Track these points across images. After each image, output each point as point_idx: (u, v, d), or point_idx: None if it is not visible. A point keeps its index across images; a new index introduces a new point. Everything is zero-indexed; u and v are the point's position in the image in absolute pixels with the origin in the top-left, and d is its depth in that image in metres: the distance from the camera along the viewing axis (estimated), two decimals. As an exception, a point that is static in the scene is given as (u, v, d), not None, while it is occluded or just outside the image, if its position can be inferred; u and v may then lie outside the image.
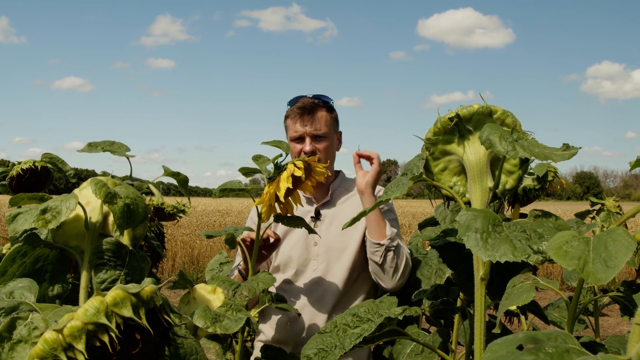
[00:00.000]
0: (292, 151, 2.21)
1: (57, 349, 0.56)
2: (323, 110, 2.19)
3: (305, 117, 2.16)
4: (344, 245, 2.14)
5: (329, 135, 2.20)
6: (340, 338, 1.14)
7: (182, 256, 11.83)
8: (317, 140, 2.17)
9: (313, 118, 2.16)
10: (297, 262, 2.14)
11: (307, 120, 2.16)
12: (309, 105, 2.17)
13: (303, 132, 2.16)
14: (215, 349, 1.11)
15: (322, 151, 2.17)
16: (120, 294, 0.60)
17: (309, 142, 2.16)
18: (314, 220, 2.21)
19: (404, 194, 1.10)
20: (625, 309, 1.24)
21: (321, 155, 2.16)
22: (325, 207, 2.24)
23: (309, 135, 2.16)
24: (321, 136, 2.17)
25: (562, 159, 0.98)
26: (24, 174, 1.62)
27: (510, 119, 1.12)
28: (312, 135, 2.16)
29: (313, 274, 2.13)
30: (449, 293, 1.66)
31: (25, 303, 0.70)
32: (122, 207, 1.06)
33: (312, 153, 2.15)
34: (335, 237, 2.15)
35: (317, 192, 2.24)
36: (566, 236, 0.85)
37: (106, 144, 1.51)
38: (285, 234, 2.20)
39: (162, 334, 0.65)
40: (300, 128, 2.16)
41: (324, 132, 2.17)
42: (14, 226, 1.03)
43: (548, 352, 0.44)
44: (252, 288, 1.52)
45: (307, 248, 2.16)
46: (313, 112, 2.17)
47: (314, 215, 2.21)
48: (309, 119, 2.16)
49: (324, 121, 2.17)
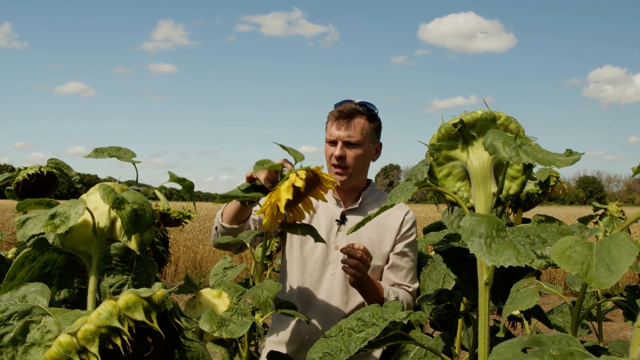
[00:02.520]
0: (325, 153, 2.21)
1: (71, 351, 0.57)
2: (362, 118, 2.15)
3: (341, 121, 2.14)
4: None
5: (363, 144, 2.15)
6: (345, 342, 1.14)
7: (184, 261, 11.83)
8: (350, 146, 2.14)
9: (349, 124, 2.14)
10: (316, 263, 2.14)
11: (342, 124, 2.14)
12: (347, 110, 2.15)
13: (337, 136, 2.14)
14: (222, 353, 1.12)
15: (352, 158, 2.14)
16: (133, 298, 0.61)
17: (340, 146, 2.13)
18: (338, 223, 2.19)
19: (408, 199, 1.11)
20: (629, 313, 1.25)
21: (349, 162, 2.14)
22: (352, 212, 2.22)
23: (342, 140, 2.13)
24: (354, 143, 2.13)
25: (565, 165, 0.99)
26: (30, 179, 1.64)
27: (514, 124, 1.13)
28: (344, 141, 2.13)
29: (331, 278, 2.13)
30: (453, 297, 1.67)
31: (38, 307, 0.72)
32: (130, 212, 1.08)
33: (339, 158, 2.13)
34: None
35: (347, 196, 2.24)
36: (569, 241, 0.86)
37: (112, 149, 1.53)
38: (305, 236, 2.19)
39: (172, 337, 0.66)
40: (335, 131, 2.15)
41: (357, 139, 2.13)
42: (23, 231, 1.04)
43: (552, 354, 0.45)
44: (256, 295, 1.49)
45: (327, 250, 2.15)
46: (350, 118, 2.14)
47: (339, 219, 2.19)
48: (345, 124, 2.14)
49: (359, 128, 2.14)
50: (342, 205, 2.23)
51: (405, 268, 2.16)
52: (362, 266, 1.87)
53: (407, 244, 2.18)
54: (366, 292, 1.98)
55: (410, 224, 2.21)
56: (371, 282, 1.98)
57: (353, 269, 1.86)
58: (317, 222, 2.19)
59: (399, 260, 2.16)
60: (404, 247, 2.17)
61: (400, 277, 2.15)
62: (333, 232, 2.17)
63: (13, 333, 0.67)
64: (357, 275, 1.87)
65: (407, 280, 2.16)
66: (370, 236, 2.15)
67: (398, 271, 2.15)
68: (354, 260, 1.85)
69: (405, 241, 2.17)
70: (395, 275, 2.15)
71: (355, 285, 1.92)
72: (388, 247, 2.16)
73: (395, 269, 2.15)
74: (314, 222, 2.19)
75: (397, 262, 2.16)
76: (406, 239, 2.18)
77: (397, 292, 2.08)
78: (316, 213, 2.21)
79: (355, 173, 2.18)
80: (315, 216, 2.20)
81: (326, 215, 2.20)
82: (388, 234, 2.16)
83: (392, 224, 2.17)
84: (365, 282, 1.93)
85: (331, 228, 2.18)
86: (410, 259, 2.18)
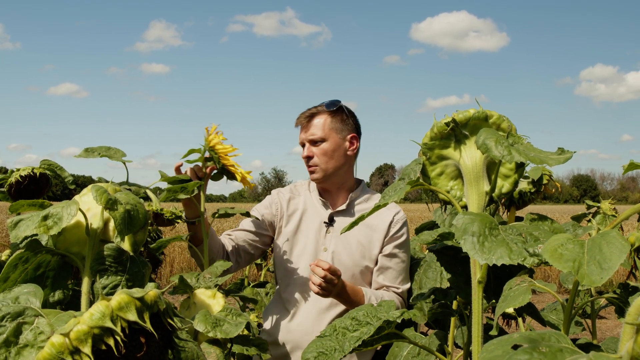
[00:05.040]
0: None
1: (64, 352, 0.57)
2: (322, 115, 2.20)
3: (303, 123, 2.23)
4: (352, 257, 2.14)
5: (328, 139, 2.18)
6: (340, 341, 1.15)
7: (180, 262, 11.81)
8: (314, 144, 2.18)
9: (309, 124, 2.20)
10: (305, 265, 2.14)
11: (303, 127, 2.23)
12: (307, 113, 2.23)
13: (303, 139, 2.22)
14: (216, 354, 1.12)
15: (318, 155, 2.17)
16: (125, 299, 0.61)
17: (306, 147, 2.20)
18: (326, 225, 2.19)
19: (401, 198, 1.12)
20: (620, 310, 1.26)
21: (317, 159, 2.17)
22: (340, 214, 2.21)
23: (306, 141, 2.20)
24: (317, 140, 2.18)
25: (557, 163, 1.00)
26: (22, 181, 1.63)
27: (506, 123, 1.14)
28: (308, 140, 2.19)
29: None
30: (447, 296, 1.67)
31: (31, 308, 0.71)
32: (123, 213, 1.08)
33: (307, 158, 2.19)
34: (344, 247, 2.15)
35: (334, 198, 2.25)
36: (561, 239, 0.86)
37: (102, 149, 1.53)
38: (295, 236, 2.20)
39: (166, 337, 0.67)
40: (301, 136, 2.24)
41: (319, 135, 2.17)
42: (16, 233, 1.04)
43: (542, 351, 0.46)
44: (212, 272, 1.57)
45: (316, 252, 2.15)
46: (310, 119, 2.21)
47: (326, 221, 2.19)
48: (305, 126, 2.22)
49: (320, 125, 2.18)
50: (329, 207, 2.23)
51: (395, 270, 2.14)
52: (326, 285, 1.89)
53: (397, 245, 2.16)
54: (345, 301, 2.00)
55: (400, 224, 2.18)
56: (348, 291, 1.98)
57: (317, 287, 1.89)
58: (306, 224, 2.20)
59: (388, 262, 2.14)
60: (394, 249, 2.15)
61: (390, 279, 2.14)
62: (322, 235, 2.17)
63: (6, 334, 0.67)
64: (321, 294, 1.91)
65: (397, 282, 2.14)
66: (359, 238, 2.15)
67: (387, 273, 2.14)
68: (317, 278, 1.89)
69: (395, 242, 2.15)
70: (384, 277, 2.14)
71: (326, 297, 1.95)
72: (376, 249, 2.14)
73: (384, 270, 2.14)
74: (303, 224, 2.20)
75: (386, 264, 2.14)
76: (395, 240, 2.16)
77: (382, 296, 2.08)
78: (305, 215, 2.22)
79: (329, 168, 2.18)
80: (304, 218, 2.21)
81: (315, 218, 2.20)
82: (376, 235, 2.15)
83: (380, 225, 2.16)
84: (341, 292, 1.95)
85: (319, 230, 2.18)
86: (401, 260, 2.16)
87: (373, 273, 2.16)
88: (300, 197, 2.27)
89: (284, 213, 2.23)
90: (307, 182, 2.32)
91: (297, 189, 2.31)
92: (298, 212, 2.23)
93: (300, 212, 2.23)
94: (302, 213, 2.22)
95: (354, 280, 2.11)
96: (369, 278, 2.17)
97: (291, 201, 2.26)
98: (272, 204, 2.25)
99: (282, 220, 2.22)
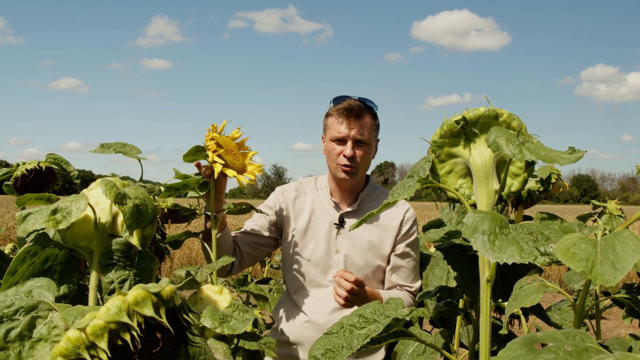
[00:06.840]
0: (330, 152, 2.13)
1: (80, 347, 0.57)
2: (369, 116, 2.11)
3: (352, 119, 2.07)
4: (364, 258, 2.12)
5: (370, 143, 2.12)
6: (347, 339, 1.14)
7: (180, 257, 11.82)
8: (359, 145, 2.09)
9: (359, 122, 2.08)
10: (317, 267, 2.12)
11: (353, 123, 2.07)
12: (357, 108, 2.08)
13: (346, 134, 2.07)
14: (223, 349, 1.12)
15: (361, 157, 2.09)
16: (142, 294, 0.61)
17: (350, 146, 2.08)
18: (337, 227, 2.15)
19: (411, 195, 1.11)
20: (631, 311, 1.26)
21: (359, 162, 2.10)
22: (350, 215, 2.17)
23: (353, 140, 2.08)
24: (363, 142, 2.09)
25: (568, 162, 0.99)
26: (28, 175, 1.63)
27: (516, 122, 1.13)
28: (355, 140, 2.08)
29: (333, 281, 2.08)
30: (453, 294, 1.67)
31: (44, 302, 0.71)
32: (132, 207, 1.07)
33: (351, 158, 2.08)
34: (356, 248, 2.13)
35: (345, 198, 2.21)
36: (574, 238, 0.86)
37: (118, 145, 1.53)
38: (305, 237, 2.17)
39: (180, 333, 0.66)
40: (345, 130, 2.07)
41: (367, 138, 2.09)
42: (24, 226, 1.04)
43: (567, 350, 0.45)
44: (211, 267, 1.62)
45: (328, 254, 2.13)
46: (360, 116, 2.08)
47: (337, 223, 2.16)
48: (356, 123, 2.07)
49: (369, 127, 2.09)
50: (340, 208, 2.19)
51: (408, 268, 2.14)
52: (352, 297, 1.87)
53: (409, 244, 2.15)
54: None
55: (410, 222, 2.16)
56: (369, 297, 1.95)
57: (342, 300, 1.87)
58: (315, 224, 2.16)
59: (400, 261, 2.13)
60: (406, 247, 2.14)
61: (403, 278, 2.13)
62: (332, 236, 2.14)
63: (20, 328, 0.67)
64: (347, 305, 1.89)
65: (409, 281, 2.14)
66: (370, 238, 2.13)
67: (400, 272, 2.13)
68: (343, 292, 1.86)
69: (407, 241, 2.14)
70: (397, 276, 2.13)
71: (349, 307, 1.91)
72: (388, 249, 2.13)
73: (397, 269, 2.13)
74: (312, 225, 2.17)
75: (399, 263, 2.13)
76: (407, 238, 2.15)
77: (397, 295, 2.07)
78: (314, 215, 2.18)
79: (362, 172, 2.15)
80: (313, 219, 2.17)
81: (325, 219, 2.17)
82: (387, 234, 2.13)
83: (392, 223, 2.14)
84: (363, 300, 1.91)
85: (330, 232, 2.15)
86: (412, 259, 2.16)
87: (386, 272, 2.15)
88: (306, 195, 2.23)
89: (290, 213, 2.19)
90: (314, 179, 2.28)
91: (302, 187, 2.26)
92: (306, 212, 2.18)
93: (309, 212, 2.18)
94: (310, 213, 2.18)
95: (366, 279, 2.09)
96: (380, 276, 2.16)
97: (297, 200, 2.21)
98: (277, 204, 2.21)
99: (289, 220, 2.19)
